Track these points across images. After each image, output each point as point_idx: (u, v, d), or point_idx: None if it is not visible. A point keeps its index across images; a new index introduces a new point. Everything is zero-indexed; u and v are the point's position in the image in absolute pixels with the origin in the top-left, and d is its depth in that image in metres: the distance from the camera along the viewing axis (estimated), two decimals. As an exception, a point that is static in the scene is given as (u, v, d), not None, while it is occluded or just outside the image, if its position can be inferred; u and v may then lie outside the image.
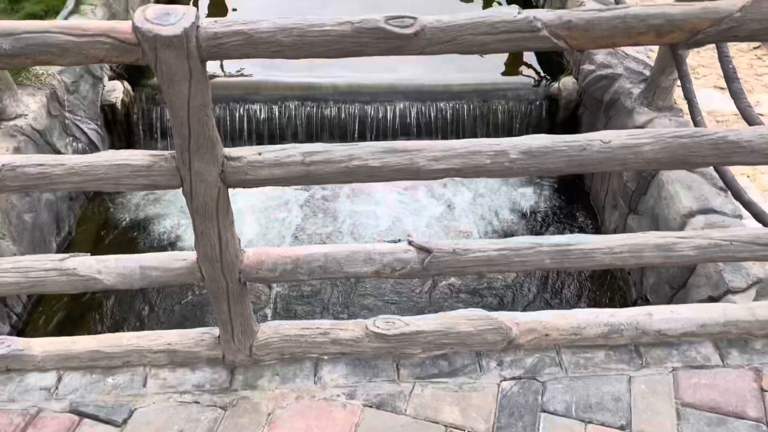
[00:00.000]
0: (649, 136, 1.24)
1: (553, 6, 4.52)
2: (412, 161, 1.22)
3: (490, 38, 1.06)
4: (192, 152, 1.16)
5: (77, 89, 3.56)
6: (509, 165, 1.22)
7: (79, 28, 1.04)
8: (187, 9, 1.05)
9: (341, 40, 1.06)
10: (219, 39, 1.06)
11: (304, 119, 4.08)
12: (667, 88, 3.10)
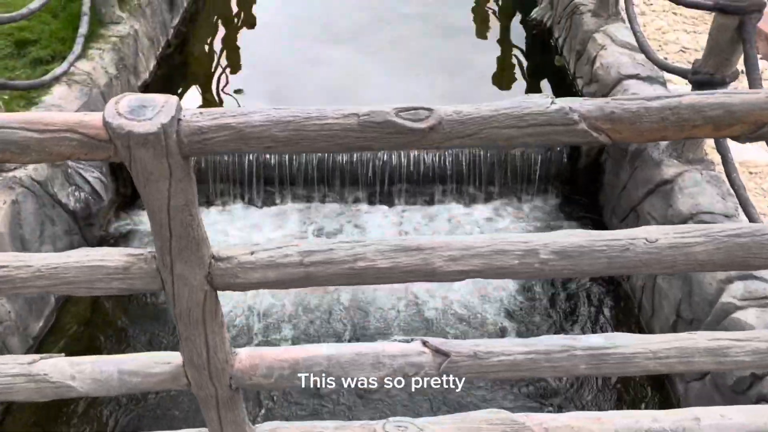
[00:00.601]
0: (702, 234, 1.07)
1: (572, 45, 4.39)
2: (427, 261, 1.06)
3: (518, 132, 0.91)
4: (174, 255, 1.01)
5: (82, 136, 3.46)
6: (540, 267, 1.06)
7: (41, 123, 0.90)
8: (168, 99, 0.91)
9: (345, 135, 0.91)
10: (204, 134, 0.92)
11: (315, 164, 3.94)
12: (697, 141, 2.92)
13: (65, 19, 3.83)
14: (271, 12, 5.39)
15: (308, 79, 4.53)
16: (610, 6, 4.06)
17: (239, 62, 4.76)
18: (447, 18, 5.30)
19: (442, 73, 4.60)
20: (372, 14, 5.34)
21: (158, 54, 4.52)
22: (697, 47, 4.28)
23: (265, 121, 0.90)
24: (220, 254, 1.07)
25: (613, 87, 3.64)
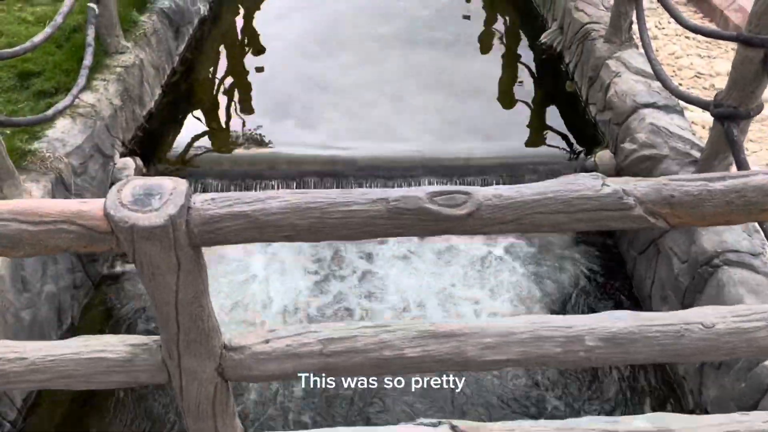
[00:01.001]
0: (762, 317, 0.97)
1: (583, 70, 4.31)
2: (460, 350, 0.96)
3: (566, 218, 0.82)
4: (182, 349, 0.92)
5: (85, 170, 3.38)
6: (585, 355, 0.96)
7: (36, 213, 0.81)
8: (176, 185, 0.82)
9: (372, 223, 0.82)
10: (216, 223, 0.83)
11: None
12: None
13: (69, 50, 3.77)
14: (277, 36, 5.33)
15: (316, 104, 4.46)
16: (623, 32, 3.98)
17: (246, 88, 4.69)
18: (454, 41, 5.23)
19: (450, 97, 4.52)
20: (379, 39, 5.28)
21: (164, 82, 4.46)
22: (712, 72, 4.20)
23: (284, 208, 0.81)
24: (232, 343, 0.98)
25: (628, 115, 3.55)
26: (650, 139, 3.21)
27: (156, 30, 4.34)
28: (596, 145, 3.97)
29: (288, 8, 5.77)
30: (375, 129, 4.25)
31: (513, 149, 4.12)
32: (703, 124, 3.72)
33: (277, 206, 0.82)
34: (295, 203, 0.82)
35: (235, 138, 4.20)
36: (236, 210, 0.82)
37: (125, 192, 0.81)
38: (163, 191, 0.81)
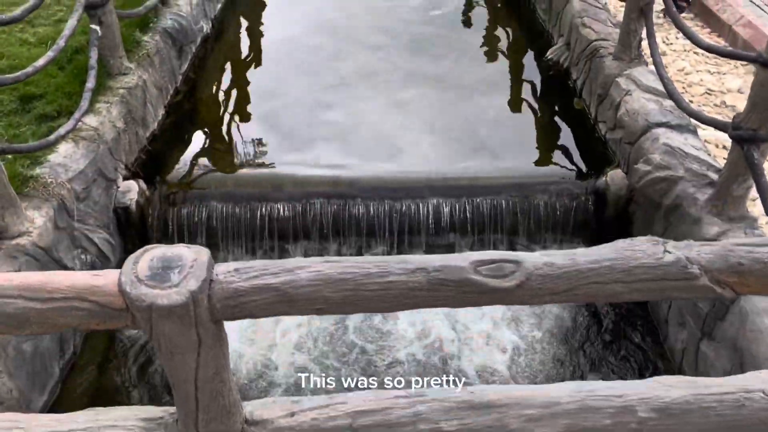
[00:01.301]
0: (828, 382, 0.90)
1: (592, 88, 4.25)
2: (501, 423, 0.88)
3: (624, 287, 0.75)
4: (200, 426, 0.84)
5: (88, 195, 3.31)
6: (637, 427, 0.89)
7: (44, 289, 0.75)
8: (197, 256, 0.75)
9: (411, 295, 0.75)
10: (241, 296, 0.76)
11: (330, 218, 3.78)
12: (740, 197, 2.76)
13: (72, 72, 3.71)
14: (281, 51, 5.28)
15: (320, 122, 4.39)
16: (632, 49, 3.93)
17: (249, 106, 4.63)
18: (458, 57, 5.18)
19: (454, 115, 4.46)
20: (383, 54, 5.23)
21: (167, 102, 4.40)
22: (723, 89, 4.14)
23: (316, 279, 0.74)
24: (254, 416, 0.90)
25: (641, 135, 3.49)
26: (665, 161, 3.15)
27: (159, 50, 4.29)
28: (606, 164, 3.90)
29: (291, 22, 5.73)
30: (380, 147, 4.18)
31: (521, 168, 4.06)
32: (717, 143, 3.66)
33: (308, 278, 0.75)
34: (327, 274, 0.75)
35: (239, 158, 4.13)
36: (263, 282, 0.76)
37: (142, 265, 0.74)
38: (182, 263, 0.74)
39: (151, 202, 3.71)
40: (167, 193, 3.76)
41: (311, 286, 0.75)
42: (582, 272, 0.75)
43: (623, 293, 0.76)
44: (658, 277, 0.76)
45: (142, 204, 3.67)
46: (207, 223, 3.71)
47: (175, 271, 0.73)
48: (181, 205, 3.73)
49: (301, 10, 5.97)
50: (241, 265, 0.77)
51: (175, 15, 4.57)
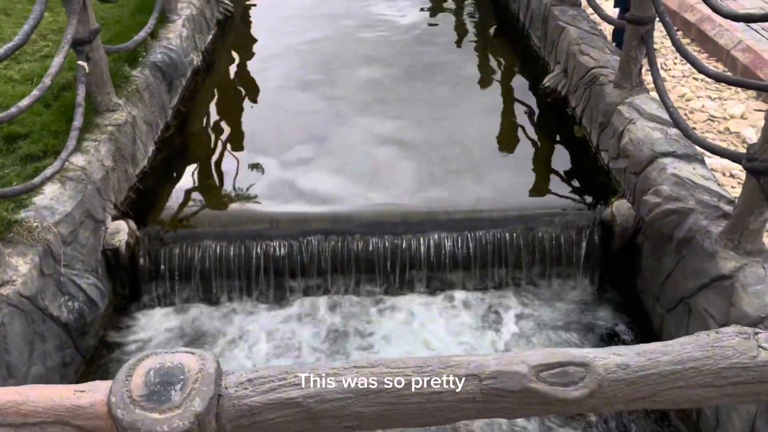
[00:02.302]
0: None
1: (592, 116, 4.17)
2: None
3: (713, 392, 0.63)
4: None
5: (76, 238, 3.16)
6: None
7: (19, 412, 0.61)
8: (202, 363, 0.62)
9: (461, 408, 0.62)
10: (255, 415, 0.63)
11: (328, 255, 3.65)
12: (757, 230, 2.65)
13: (58, 110, 3.59)
14: (272, 84, 5.19)
15: (314, 153, 4.28)
16: (633, 77, 3.86)
17: (242, 139, 4.52)
18: (454, 85, 5.11)
19: (453, 145, 4.35)
20: (376, 82, 5.15)
21: (157, 138, 4.28)
22: (726, 115, 4.08)
23: (345, 393, 0.61)
24: None
25: (647, 164, 3.40)
26: (675, 192, 3.05)
27: (149, 84, 4.18)
28: (610, 194, 3.81)
29: (282, 53, 5.65)
30: (378, 179, 4.07)
31: (524, 199, 3.95)
32: (723, 171, 3.58)
33: (337, 390, 0.62)
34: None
35: (233, 193, 4.00)
36: (281, 397, 0.62)
37: (136, 381, 0.61)
38: (185, 377, 0.61)
39: (141, 243, 3.56)
40: (158, 233, 3.62)
41: (340, 399, 0.62)
42: (663, 375, 0.63)
43: (712, 398, 0.64)
44: (754, 379, 0.64)
45: (132, 245, 3.52)
46: (200, 263, 3.57)
47: (177, 388, 0.60)
48: (173, 244, 3.59)
49: (292, 41, 5.90)
50: (255, 375, 0.64)
51: (164, 48, 4.47)
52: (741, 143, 3.76)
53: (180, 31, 4.86)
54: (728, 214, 2.85)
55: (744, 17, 2.84)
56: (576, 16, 4.93)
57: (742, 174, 2.82)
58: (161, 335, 3.38)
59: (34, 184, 2.92)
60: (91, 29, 3.42)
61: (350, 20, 6.29)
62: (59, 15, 4.59)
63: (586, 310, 3.54)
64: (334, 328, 3.40)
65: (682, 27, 5.09)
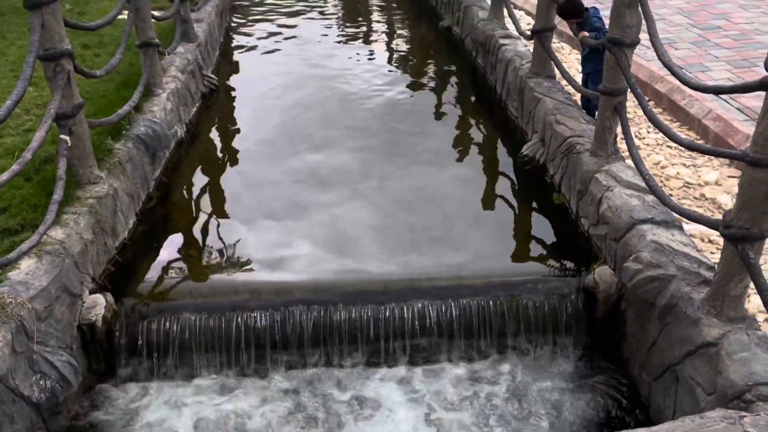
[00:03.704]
0: None
1: (571, 183, 4.23)
2: None
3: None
4: None
5: (50, 314, 3.08)
6: None
7: None
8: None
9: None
10: None
11: (311, 325, 3.60)
12: (738, 297, 2.66)
13: (38, 183, 3.58)
14: (256, 155, 5.24)
15: (298, 225, 4.28)
16: (608, 145, 3.96)
17: (224, 209, 4.51)
18: (434, 156, 5.19)
19: (435, 214, 4.38)
20: (359, 149, 5.23)
21: (138, 209, 4.27)
22: (701, 182, 4.17)
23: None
24: None
25: (626, 231, 3.43)
26: (655, 259, 3.07)
27: (131, 157, 4.20)
28: (591, 260, 3.83)
29: (265, 124, 5.74)
30: (360, 247, 4.07)
31: (507, 267, 3.96)
32: (702, 237, 3.63)
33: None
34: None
35: (214, 264, 3.97)
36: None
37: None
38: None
39: (118, 317, 3.49)
40: (137, 306, 3.55)
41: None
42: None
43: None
44: (742, 468, 0.62)
45: (109, 319, 3.45)
46: (179, 336, 3.49)
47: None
48: (152, 318, 3.52)
49: (276, 113, 6.01)
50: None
51: (148, 121, 4.53)
52: (717, 209, 3.83)
53: (164, 104, 4.93)
54: (709, 280, 2.86)
55: (712, 89, 2.95)
56: (551, 87, 5.09)
57: (721, 240, 2.86)
58: (136, 415, 3.26)
59: (9, 258, 2.88)
60: (75, 104, 3.46)
61: (333, 94, 6.45)
62: (44, 90, 4.65)
63: (573, 379, 3.48)
64: (314, 408, 3.29)
65: (653, 97, 5.27)
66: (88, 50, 5.76)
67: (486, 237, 4.22)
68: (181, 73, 5.61)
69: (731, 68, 5.30)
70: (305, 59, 7.48)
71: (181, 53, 5.94)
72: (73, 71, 3.45)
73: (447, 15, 8.43)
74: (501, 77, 6.09)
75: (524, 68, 5.50)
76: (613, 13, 3.58)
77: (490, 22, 6.76)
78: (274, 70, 7.15)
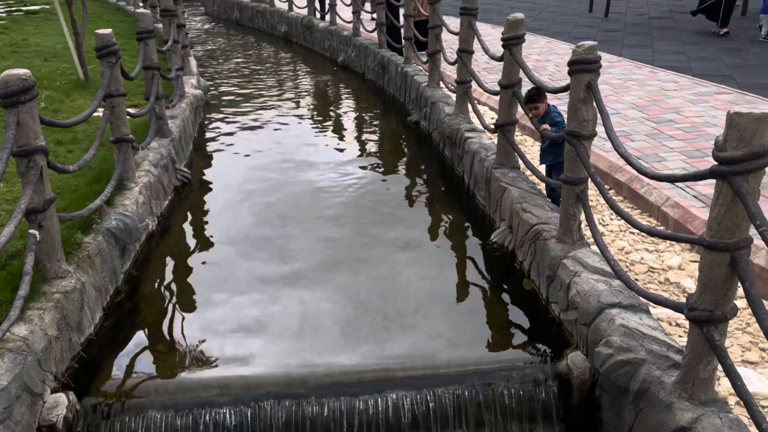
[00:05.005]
0: None
1: (540, 269, 4.31)
2: None
3: None
4: None
5: (10, 415, 2.94)
6: None
7: None
8: None
9: None
10: None
11: (282, 421, 3.49)
12: (708, 379, 2.69)
13: (4, 279, 3.52)
14: (228, 246, 5.24)
15: (270, 315, 4.23)
16: (573, 232, 4.08)
17: (194, 302, 4.45)
18: (405, 244, 5.26)
19: (406, 301, 4.38)
20: (328, 243, 5.26)
21: (106, 303, 4.19)
22: (664, 266, 4.28)
23: None
24: None
25: (596, 316, 3.48)
26: (625, 343, 3.10)
27: (101, 250, 4.17)
28: (563, 345, 3.85)
29: (238, 215, 5.78)
30: (332, 338, 4.02)
31: (481, 354, 3.94)
32: (669, 320, 3.69)
33: None
34: None
35: (182, 359, 3.87)
36: None
37: None
38: None
39: (80, 417, 3.34)
40: (100, 405, 3.42)
41: None
42: None
43: None
44: None
45: (71, 420, 3.30)
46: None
47: None
48: (116, 417, 3.38)
49: (248, 204, 6.07)
50: None
51: (119, 215, 4.53)
52: (682, 293, 3.93)
53: (137, 197, 4.96)
54: (679, 363, 2.90)
55: (666, 178, 3.10)
56: (516, 177, 5.28)
57: (687, 323, 2.92)
58: None
59: (-31, 357, 2.78)
60: (46, 199, 3.47)
61: (304, 185, 6.57)
62: (15, 185, 4.66)
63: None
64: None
65: (614, 186, 5.48)
66: (61, 146, 5.83)
67: (459, 324, 4.22)
68: (155, 167, 5.69)
69: (685, 158, 5.57)
70: (277, 152, 7.66)
71: (155, 148, 6.04)
72: (46, 167, 3.48)
73: (415, 110, 8.79)
74: (468, 168, 6.30)
75: (490, 159, 5.71)
76: (570, 108, 3.80)
77: (456, 116, 7.07)
78: (247, 163, 7.29)
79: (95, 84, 8.05)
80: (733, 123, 2.31)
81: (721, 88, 8.02)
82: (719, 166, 2.38)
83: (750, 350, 3.41)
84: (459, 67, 6.82)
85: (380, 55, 10.81)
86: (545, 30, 13.36)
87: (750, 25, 13.12)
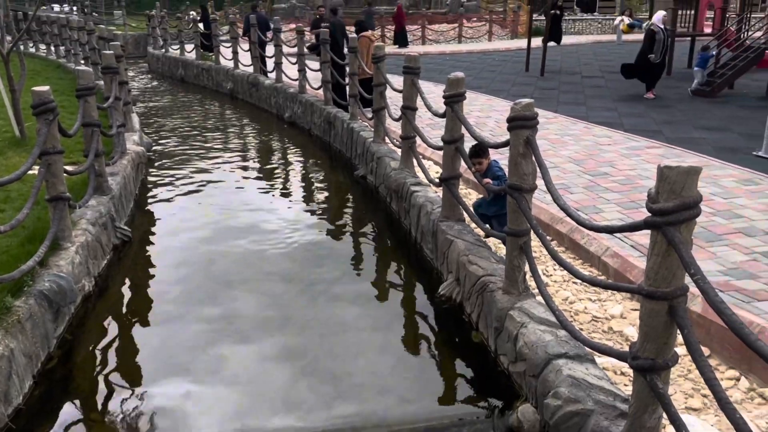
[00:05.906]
0: None
1: (487, 321, 4.32)
2: None
3: None
4: None
5: None
6: None
7: None
8: None
9: None
10: None
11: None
12: (654, 428, 2.71)
13: None
14: (169, 307, 5.06)
15: (211, 380, 4.07)
16: (519, 283, 4.13)
17: (132, 367, 4.24)
18: (353, 296, 5.21)
19: (353, 358, 4.31)
20: (274, 297, 5.16)
21: (36, 371, 3.95)
22: (607, 315, 4.36)
23: None
24: None
25: (543, 367, 3.49)
26: (573, 393, 3.11)
27: (32, 314, 3.96)
28: (513, 397, 3.83)
29: (179, 274, 5.61)
30: (279, 401, 3.89)
31: (432, 409, 3.89)
32: (615, 369, 3.73)
33: None
34: None
35: (118, 431, 3.66)
36: None
37: None
38: None
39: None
40: (27, 483, 3.17)
41: None
42: None
43: None
44: None
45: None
46: None
47: None
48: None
49: (190, 262, 5.92)
50: None
51: (53, 276, 4.34)
52: (625, 341, 3.99)
53: (72, 257, 4.77)
54: (625, 412, 2.91)
55: (604, 229, 3.19)
56: (461, 230, 5.35)
57: (631, 371, 2.95)
58: None
59: None
60: (-27, 261, 3.29)
61: (249, 241, 6.47)
62: (-60, 247, 4.41)
63: None
64: None
65: (556, 237, 5.61)
66: (-8, 205, 5.59)
67: (410, 379, 4.16)
68: (93, 225, 5.50)
69: (621, 209, 5.78)
70: (222, 207, 7.56)
71: (93, 206, 5.87)
72: (-26, 228, 3.32)
73: (361, 164, 8.87)
74: (415, 221, 6.36)
75: (436, 212, 5.78)
76: (510, 162, 3.90)
77: (402, 171, 7.16)
78: (190, 220, 7.15)
79: (31, 142, 7.82)
80: (664, 176, 2.41)
81: (651, 143, 8.44)
82: (653, 217, 2.47)
83: (693, 396, 3.46)
84: (403, 123, 6.96)
85: (327, 112, 10.95)
86: (485, 88, 13.86)
87: (675, 84, 13.97)
